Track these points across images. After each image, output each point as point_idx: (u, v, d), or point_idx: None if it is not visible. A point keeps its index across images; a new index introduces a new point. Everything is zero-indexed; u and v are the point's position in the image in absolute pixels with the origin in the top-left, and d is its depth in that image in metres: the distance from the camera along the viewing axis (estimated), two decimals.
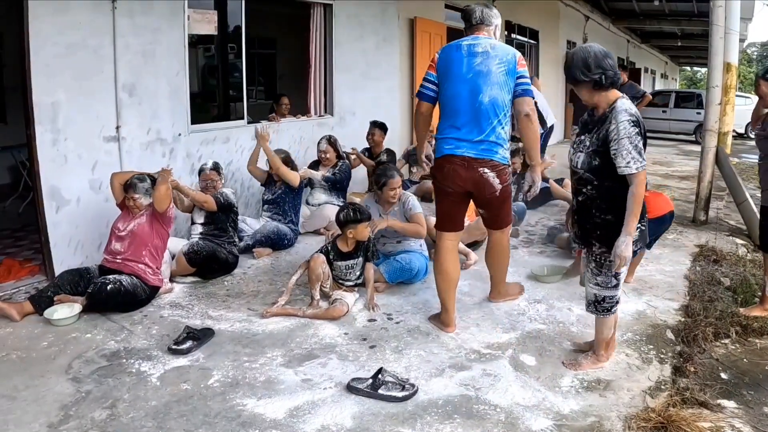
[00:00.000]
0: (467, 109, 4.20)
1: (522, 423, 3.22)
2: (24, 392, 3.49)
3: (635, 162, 3.30)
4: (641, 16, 21.71)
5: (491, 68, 4.16)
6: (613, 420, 3.26)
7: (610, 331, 3.78)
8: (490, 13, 4.39)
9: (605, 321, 3.75)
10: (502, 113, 4.21)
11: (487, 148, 4.21)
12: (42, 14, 4.91)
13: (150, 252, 4.82)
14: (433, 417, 3.25)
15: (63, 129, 5.16)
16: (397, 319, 4.56)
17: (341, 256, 4.82)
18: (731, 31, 7.52)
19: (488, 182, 4.25)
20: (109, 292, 4.49)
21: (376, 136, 7.88)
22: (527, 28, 15.05)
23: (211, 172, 5.64)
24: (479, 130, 4.19)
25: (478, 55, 4.20)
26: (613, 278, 3.62)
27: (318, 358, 3.91)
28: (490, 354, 4.00)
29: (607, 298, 3.67)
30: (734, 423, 3.32)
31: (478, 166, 4.22)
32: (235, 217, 5.69)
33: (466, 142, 4.22)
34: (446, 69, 4.29)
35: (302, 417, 3.25)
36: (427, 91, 4.38)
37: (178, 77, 6.12)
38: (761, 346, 4.28)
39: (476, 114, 4.19)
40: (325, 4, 8.23)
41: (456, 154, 4.24)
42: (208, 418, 3.23)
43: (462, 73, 4.21)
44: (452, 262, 4.43)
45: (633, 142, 3.31)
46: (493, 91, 4.16)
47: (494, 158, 4.23)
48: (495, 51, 4.20)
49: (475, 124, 4.20)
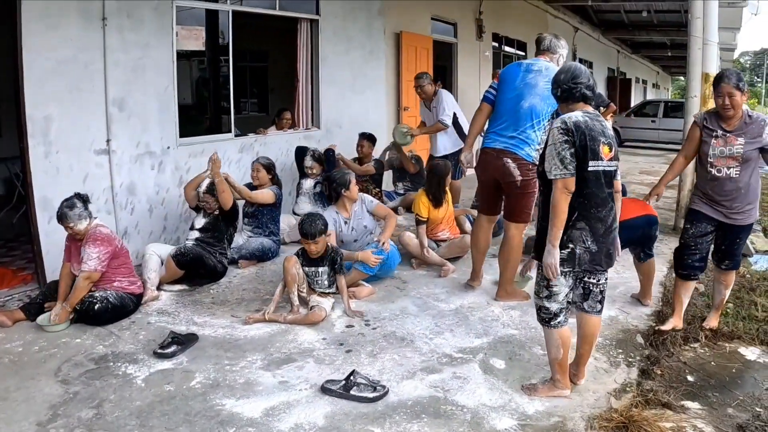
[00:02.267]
0: (511, 112, 4.97)
1: (487, 423, 3.36)
2: (15, 393, 3.64)
3: (556, 168, 3.32)
4: (630, 27, 21.85)
5: (539, 83, 4.88)
6: (576, 420, 3.39)
7: (558, 350, 3.60)
8: (557, 43, 5.14)
9: (548, 335, 3.63)
10: (538, 119, 4.88)
11: (515, 144, 4.92)
12: (34, 30, 5.07)
13: (113, 272, 4.79)
14: (402, 416, 3.40)
15: (55, 142, 5.31)
16: (374, 325, 4.70)
17: (308, 261, 4.93)
18: (709, 42, 7.65)
19: (508, 170, 4.92)
20: (97, 312, 4.59)
21: (365, 148, 8.09)
22: (515, 40, 15.17)
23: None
24: (514, 128, 4.93)
25: (532, 71, 4.96)
26: (544, 288, 3.55)
27: (296, 362, 4.07)
28: (462, 358, 4.14)
29: (542, 309, 3.59)
30: (696, 423, 3.42)
31: (503, 156, 4.93)
32: (233, 231, 5.88)
33: (502, 137, 4.97)
34: (504, 80, 5.11)
35: (277, 416, 3.40)
36: (488, 95, 5.17)
37: (167, 92, 6.27)
38: (729, 350, 4.38)
39: (516, 116, 4.93)
40: (311, 20, 8.38)
41: (491, 147, 5.03)
42: (189, 417, 3.38)
43: (515, 84, 4.98)
44: (484, 237, 5.42)
45: (557, 149, 3.32)
46: (534, 100, 4.87)
47: (518, 153, 4.90)
48: (548, 71, 4.83)
49: (512, 123, 4.94)
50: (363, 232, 5.67)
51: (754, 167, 4.37)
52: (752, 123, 4.31)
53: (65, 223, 4.67)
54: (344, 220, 5.62)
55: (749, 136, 4.29)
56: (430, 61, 11.01)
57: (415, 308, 5.03)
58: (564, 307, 3.57)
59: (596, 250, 3.43)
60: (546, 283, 3.53)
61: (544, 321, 3.60)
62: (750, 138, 4.29)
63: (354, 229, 5.63)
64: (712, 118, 4.44)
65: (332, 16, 8.65)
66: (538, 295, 3.60)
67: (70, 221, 4.65)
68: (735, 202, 4.39)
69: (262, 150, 7.49)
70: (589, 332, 3.69)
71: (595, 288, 3.57)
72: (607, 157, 3.40)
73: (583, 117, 3.38)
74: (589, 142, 3.32)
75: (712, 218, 4.48)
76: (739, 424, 3.43)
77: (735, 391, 3.82)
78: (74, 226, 4.67)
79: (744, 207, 4.40)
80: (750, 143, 4.29)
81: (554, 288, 3.51)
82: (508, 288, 5.17)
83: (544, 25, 16.70)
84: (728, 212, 4.42)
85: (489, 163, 5.05)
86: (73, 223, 4.66)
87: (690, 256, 4.59)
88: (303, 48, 8.39)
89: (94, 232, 4.69)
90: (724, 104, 4.26)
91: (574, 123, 3.34)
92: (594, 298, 3.59)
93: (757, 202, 4.48)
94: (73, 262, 4.81)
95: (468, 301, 5.18)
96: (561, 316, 3.56)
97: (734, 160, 4.33)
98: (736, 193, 4.37)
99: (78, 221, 4.67)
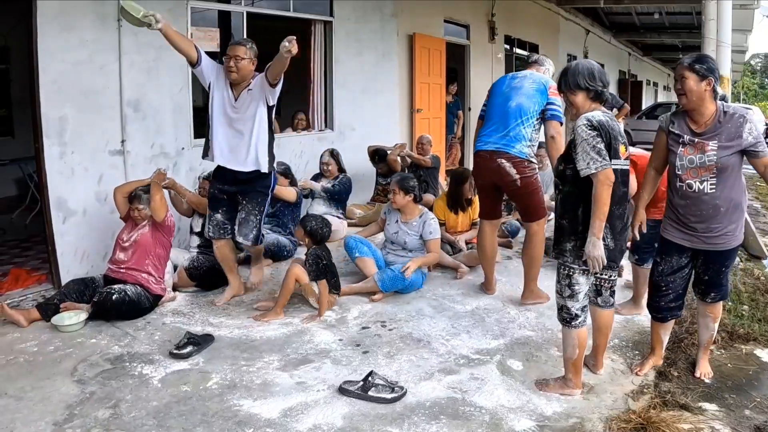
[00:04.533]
0: (499, 114, 4.99)
1: (505, 424, 3.35)
2: (30, 393, 3.64)
3: (594, 162, 3.32)
4: (642, 29, 21.82)
5: (524, 84, 4.98)
6: (595, 421, 3.38)
7: (574, 350, 3.61)
8: (545, 59, 5.38)
9: (567, 335, 3.64)
10: (526, 116, 4.88)
11: (505, 143, 4.88)
12: (50, 32, 5.10)
13: (153, 262, 4.96)
14: (420, 417, 3.39)
15: (70, 143, 5.33)
16: (390, 326, 4.69)
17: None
18: (723, 44, 7.63)
19: (504, 170, 4.87)
20: (114, 302, 4.62)
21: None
22: (527, 42, 15.14)
23: (204, 181, 5.78)
24: (503, 128, 4.91)
25: (518, 78, 5.09)
26: (566, 287, 3.57)
27: (312, 363, 4.06)
28: (479, 359, 4.13)
29: (564, 308, 3.61)
30: (714, 425, 3.40)
31: (496, 157, 4.89)
32: None
33: (492, 138, 4.96)
34: (492, 91, 5.22)
35: (295, 417, 3.39)
36: (481, 113, 5.27)
37: (182, 93, 6.29)
38: (746, 352, 4.35)
39: (504, 116, 4.93)
40: (324, 21, 8.39)
41: (482, 149, 5.01)
42: (206, 418, 3.38)
43: (502, 90, 5.09)
44: (489, 243, 5.26)
45: (591, 143, 3.34)
46: (521, 99, 4.91)
47: (510, 151, 4.86)
48: (533, 76, 5.05)
49: (501, 124, 4.94)
50: (400, 244, 5.58)
51: (735, 178, 3.57)
52: (728, 121, 3.52)
53: (135, 204, 4.96)
54: (397, 219, 5.61)
55: (724, 138, 3.50)
56: (442, 63, 11.00)
57: (431, 309, 5.02)
58: (585, 306, 3.61)
59: (613, 246, 3.50)
60: (568, 282, 3.56)
61: (565, 321, 3.62)
62: (726, 141, 3.50)
63: (397, 234, 5.58)
64: (680, 120, 3.66)
65: (345, 18, 8.66)
66: (561, 294, 3.61)
67: (140, 203, 4.96)
68: (713, 223, 3.60)
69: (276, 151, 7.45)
70: (604, 324, 3.82)
71: (606, 283, 3.69)
72: (624, 156, 3.47)
73: (603, 116, 3.45)
74: (612, 141, 3.39)
75: (686, 248, 3.73)
76: (756, 426, 3.40)
77: (752, 392, 3.79)
78: (143, 209, 4.96)
79: (726, 228, 3.61)
80: (725, 147, 3.49)
81: (576, 287, 3.54)
82: (533, 287, 5.15)
83: (555, 27, 16.67)
84: (706, 237, 3.65)
85: (483, 167, 5.04)
86: (143, 206, 4.95)
87: (662, 298, 3.88)
88: (317, 50, 8.40)
89: None
90: (677, 88, 3.60)
91: (598, 121, 3.40)
92: (606, 293, 3.71)
93: (743, 220, 3.72)
94: (118, 242, 5.05)
95: (484, 303, 5.17)
96: (582, 316, 3.59)
97: (707, 170, 3.53)
98: (713, 211, 3.57)
99: (147, 205, 4.96)
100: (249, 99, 4.80)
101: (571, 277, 3.54)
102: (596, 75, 3.56)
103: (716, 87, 3.52)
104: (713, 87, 3.50)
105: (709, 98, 3.52)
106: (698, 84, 3.49)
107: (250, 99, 4.79)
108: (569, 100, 3.65)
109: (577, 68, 3.62)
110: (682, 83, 3.53)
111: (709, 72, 3.48)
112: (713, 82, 3.49)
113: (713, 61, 3.58)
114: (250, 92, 4.79)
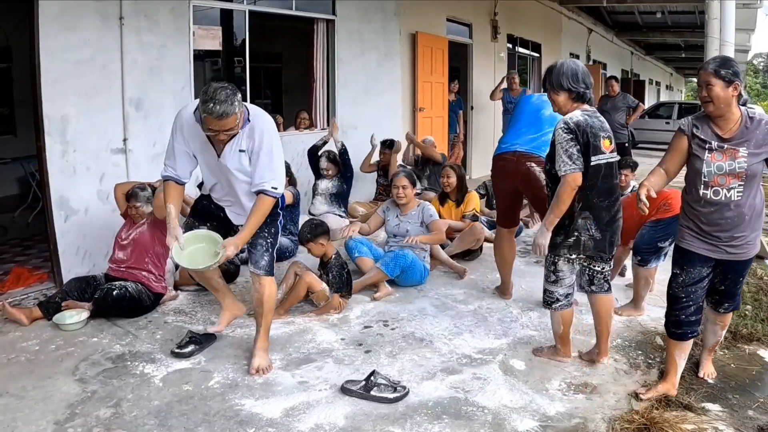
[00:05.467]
0: (531, 120, 4.84)
1: (508, 424, 3.34)
2: (32, 392, 3.63)
3: (564, 165, 3.56)
4: (644, 28, 21.79)
5: None
6: (598, 421, 3.37)
7: (558, 326, 3.96)
8: None
9: (551, 315, 3.99)
10: None
11: (537, 146, 4.66)
12: (52, 31, 5.10)
13: (152, 260, 4.95)
14: (423, 417, 3.38)
15: (72, 141, 5.33)
16: (393, 325, 4.69)
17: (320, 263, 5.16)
18: (726, 43, 7.63)
19: (534, 175, 4.63)
20: (115, 298, 4.62)
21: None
22: (530, 42, 15.13)
23: None
24: (536, 131, 4.75)
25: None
26: (551, 273, 3.84)
27: (315, 362, 4.05)
28: (481, 359, 4.12)
29: (547, 292, 3.90)
30: (718, 425, 3.38)
31: (525, 160, 4.67)
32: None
33: (521, 140, 4.76)
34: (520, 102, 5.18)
35: (297, 416, 3.38)
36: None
37: (184, 92, 6.28)
38: (749, 352, 4.34)
39: (537, 122, 4.78)
40: (327, 20, 8.39)
41: (509, 151, 4.77)
42: (208, 417, 3.37)
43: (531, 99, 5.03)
44: (509, 249, 5.15)
45: (564, 147, 3.56)
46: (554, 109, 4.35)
47: (543, 155, 4.38)
48: None
49: (533, 126, 4.79)
50: (403, 234, 5.62)
51: (757, 185, 3.43)
52: (756, 128, 3.34)
53: (133, 201, 4.94)
54: (397, 215, 5.69)
55: (754, 145, 3.34)
56: (445, 62, 10.99)
57: (433, 309, 5.01)
58: (569, 293, 3.89)
59: (600, 237, 3.71)
60: (553, 269, 3.82)
61: (547, 303, 3.93)
62: (755, 147, 3.34)
63: (398, 226, 5.66)
64: (703, 124, 3.44)
65: (348, 17, 8.65)
66: (547, 279, 3.89)
67: (138, 201, 4.94)
68: (737, 232, 3.44)
69: None
70: (603, 309, 3.97)
71: (599, 275, 3.90)
72: (609, 150, 3.64)
73: (582, 116, 3.63)
74: (591, 139, 3.57)
75: (709, 258, 3.52)
76: (760, 426, 3.39)
77: (755, 393, 3.78)
78: (140, 207, 4.94)
79: (748, 237, 3.46)
80: (755, 155, 3.34)
81: (560, 273, 3.81)
82: None
83: (558, 26, 16.66)
84: (728, 246, 3.47)
85: (510, 170, 4.73)
86: (140, 204, 4.94)
87: (682, 310, 3.63)
88: (319, 48, 8.40)
89: None
90: (701, 95, 3.37)
91: (575, 123, 3.60)
92: (599, 282, 3.92)
93: (761, 228, 3.55)
94: (118, 241, 5.03)
95: (486, 303, 5.17)
96: (563, 300, 3.88)
97: (736, 177, 3.35)
98: (738, 220, 3.41)
99: (145, 204, 4.95)
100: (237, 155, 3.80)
101: (556, 264, 3.80)
102: (580, 77, 3.70)
103: (742, 91, 3.36)
104: (740, 92, 3.34)
105: (735, 103, 3.34)
106: (725, 90, 3.29)
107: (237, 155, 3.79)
108: (552, 99, 3.82)
109: (562, 69, 3.77)
110: (708, 90, 3.32)
111: (734, 76, 3.29)
112: (739, 86, 3.32)
113: (737, 64, 3.38)
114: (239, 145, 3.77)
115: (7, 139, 9.52)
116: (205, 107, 3.41)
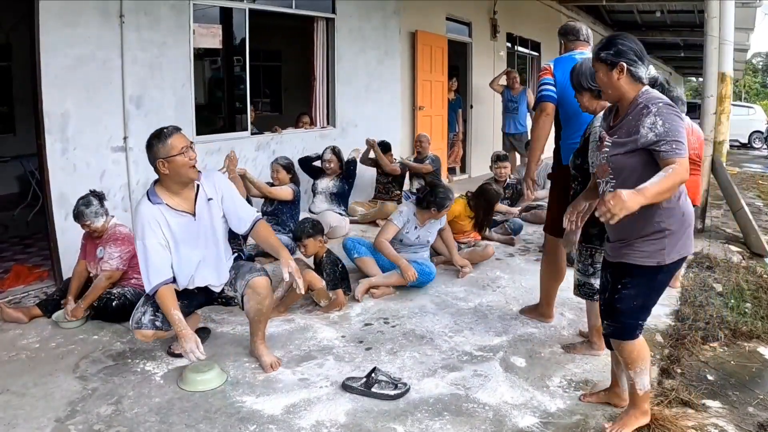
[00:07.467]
0: (583, 115, 4.07)
1: (509, 420, 3.34)
2: (33, 389, 3.63)
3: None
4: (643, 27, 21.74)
5: None
6: (599, 418, 3.36)
7: (597, 319, 3.82)
8: (590, 34, 4.50)
9: (590, 307, 4.02)
10: None
11: None
12: (52, 28, 5.10)
13: (132, 269, 4.74)
14: (424, 414, 3.38)
15: (72, 139, 5.33)
16: (393, 323, 4.69)
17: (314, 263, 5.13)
18: (726, 42, 7.63)
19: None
20: (115, 308, 4.55)
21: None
22: (529, 40, 15.14)
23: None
24: None
25: None
26: (590, 266, 3.90)
27: (315, 359, 4.05)
28: (482, 356, 4.12)
29: (587, 285, 3.94)
30: (718, 422, 3.38)
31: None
32: None
33: None
34: (564, 80, 4.10)
35: (298, 413, 3.38)
36: (550, 92, 4.20)
37: (184, 89, 6.29)
38: (749, 349, 4.34)
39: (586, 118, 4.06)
40: (327, 18, 8.39)
41: None
42: (209, 414, 3.37)
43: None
44: (562, 260, 4.54)
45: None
46: None
47: None
48: None
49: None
50: (424, 244, 5.62)
51: (636, 182, 2.65)
52: (633, 111, 2.85)
53: (82, 221, 4.70)
54: (415, 226, 5.52)
55: (625, 133, 2.86)
56: (445, 60, 11.00)
57: (433, 306, 5.02)
58: None
59: None
60: (591, 261, 3.90)
61: (587, 295, 3.98)
62: (625, 136, 2.85)
63: (418, 237, 5.55)
64: (608, 113, 3.10)
65: (348, 15, 8.67)
66: (584, 273, 3.95)
67: (86, 219, 4.68)
68: (616, 232, 3.01)
69: (278, 148, 7.50)
70: None
71: None
72: None
73: None
74: None
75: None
76: (760, 423, 3.39)
77: (755, 389, 3.78)
78: (91, 224, 4.70)
79: (633, 239, 2.93)
80: (619, 144, 2.87)
81: (597, 265, 3.81)
82: None
83: (557, 25, 16.55)
84: (610, 246, 3.10)
85: None
86: (90, 221, 4.69)
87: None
88: (319, 47, 8.41)
89: (114, 232, 4.72)
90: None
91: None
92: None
93: (678, 236, 2.90)
94: (88, 259, 4.82)
95: (487, 300, 5.17)
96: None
97: (605, 171, 2.97)
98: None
99: (94, 219, 4.69)
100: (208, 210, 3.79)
101: (593, 256, 3.87)
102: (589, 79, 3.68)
103: (636, 71, 2.85)
104: (631, 72, 2.86)
105: (628, 87, 2.88)
106: (608, 74, 2.88)
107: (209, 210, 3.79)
108: (578, 100, 3.83)
109: (580, 69, 3.81)
110: (597, 78, 2.99)
111: (617, 56, 2.84)
112: (626, 66, 2.84)
113: (629, 40, 2.89)
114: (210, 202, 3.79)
115: (7, 137, 9.54)
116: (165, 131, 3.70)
